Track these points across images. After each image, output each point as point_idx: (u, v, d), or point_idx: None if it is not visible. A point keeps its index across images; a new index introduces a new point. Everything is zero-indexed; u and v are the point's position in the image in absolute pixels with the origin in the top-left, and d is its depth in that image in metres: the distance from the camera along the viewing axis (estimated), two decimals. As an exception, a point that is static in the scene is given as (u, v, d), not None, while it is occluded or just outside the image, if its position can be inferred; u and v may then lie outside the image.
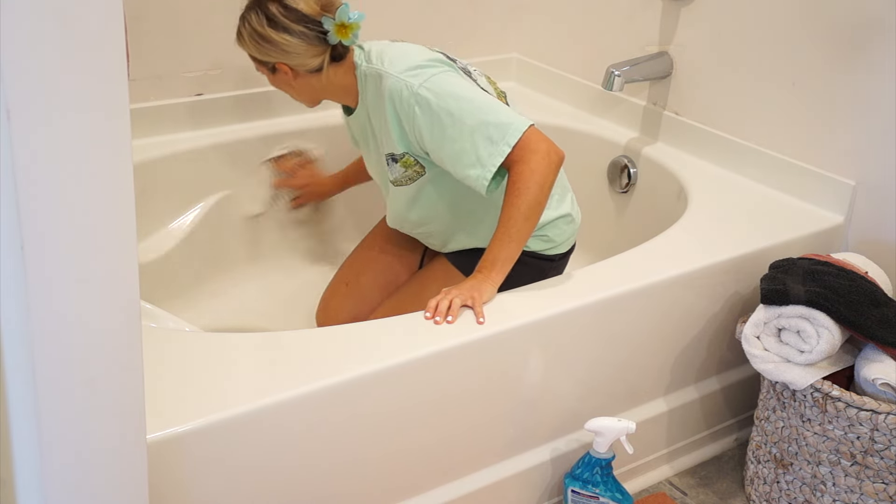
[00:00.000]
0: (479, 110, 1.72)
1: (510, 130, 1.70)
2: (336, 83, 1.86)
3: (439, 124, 1.73)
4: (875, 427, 1.73)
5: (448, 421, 1.70)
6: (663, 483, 2.06)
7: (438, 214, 1.93)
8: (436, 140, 1.74)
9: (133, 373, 1.13)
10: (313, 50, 1.80)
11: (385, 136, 1.85)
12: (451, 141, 1.72)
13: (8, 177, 0.97)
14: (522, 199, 1.69)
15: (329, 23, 1.77)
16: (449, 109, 1.72)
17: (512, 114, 1.73)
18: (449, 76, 1.77)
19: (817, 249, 2.12)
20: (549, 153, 1.70)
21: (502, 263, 1.72)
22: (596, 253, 2.40)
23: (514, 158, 1.71)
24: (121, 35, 0.99)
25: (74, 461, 1.12)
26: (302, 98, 1.92)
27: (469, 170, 1.73)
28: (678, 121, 2.45)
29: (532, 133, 1.71)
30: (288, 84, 1.87)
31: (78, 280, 1.04)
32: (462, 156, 1.72)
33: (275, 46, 1.79)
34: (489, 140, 1.70)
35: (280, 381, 1.49)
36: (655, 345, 1.96)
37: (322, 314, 2.17)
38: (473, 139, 1.71)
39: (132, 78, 2.10)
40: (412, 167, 1.85)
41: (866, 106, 2.08)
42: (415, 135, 1.78)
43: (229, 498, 1.48)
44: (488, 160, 1.71)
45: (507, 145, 1.70)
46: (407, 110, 1.75)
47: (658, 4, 2.44)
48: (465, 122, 1.71)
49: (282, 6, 1.77)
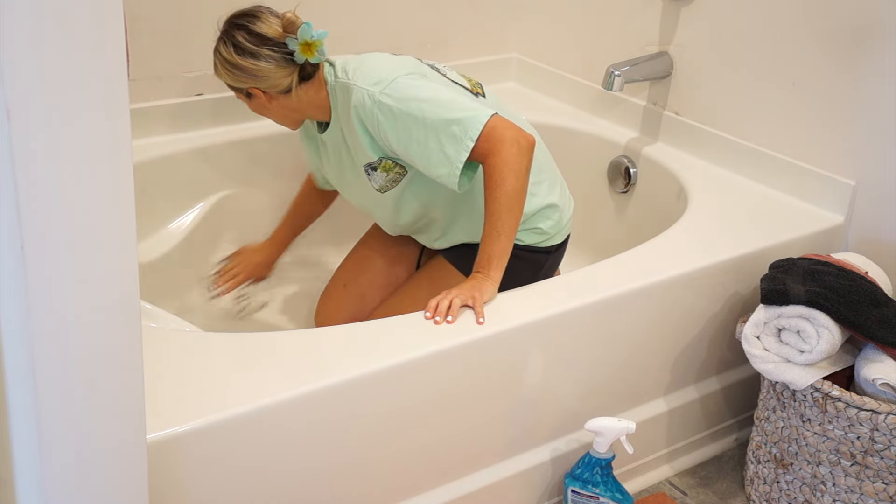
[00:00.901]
0: (441, 109, 1.74)
1: (472, 124, 1.72)
2: (308, 101, 1.89)
3: (404, 128, 1.76)
4: (875, 427, 1.73)
5: (448, 421, 1.70)
6: (663, 483, 2.06)
7: (430, 207, 1.95)
8: (402, 143, 1.78)
9: (133, 373, 1.13)
10: (282, 71, 1.83)
11: (357, 147, 1.88)
12: (417, 143, 1.76)
13: (8, 177, 0.97)
14: (501, 190, 1.71)
15: (293, 43, 1.82)
16: (410, 112, 1.75)
17: (473, 107, 1.75)
18: (410, 79, 1.80)
19: (817, 249, 2.11)
20: (517, 140, 1.72)
21: (497, 259, 1.73)
22: (596, 253, 2.40)
23: (482, 151, 1.73)
24: (121, 35, 0.99)
25: (74, 461, 1.12)
26: (281, 120, 1.96)
27: (439, 168, 1.76)
28: (678, 121, 2.45)
29: (495, 122, 1.73)
30: (264, 107, 1.91)
31: (78, 280, 1.04)
32: (430, 156, 1.75)
33: (245, 72, 1.84)
34: (453, 137, 1.73)
35: (280, 380, 1.49)
36: (655, 345, 1.96)
37: (321, 315, 2.17)
38: (438, 138, 1.74)
39: (132, 78, 2.10)
40: (392, 170, 1.87)
41: (866, 106, 2.08)
42: (382, 140, 1.81)
43: (229, 498, 1.48)
44: (455, 157, 1.73)
45: (471, 139, 1.72)
46: (370, 118, 1.79)
47: (658, 4, 2.44)
48: (428, 123, 1.74)
49: (246, 32, 1.82)
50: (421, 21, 2.60)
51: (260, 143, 2.36)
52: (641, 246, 2.00)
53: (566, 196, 2.00)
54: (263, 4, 1.88)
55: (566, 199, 2.00)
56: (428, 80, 1.83)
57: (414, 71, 1.84)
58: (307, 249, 2.50)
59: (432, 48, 2.63)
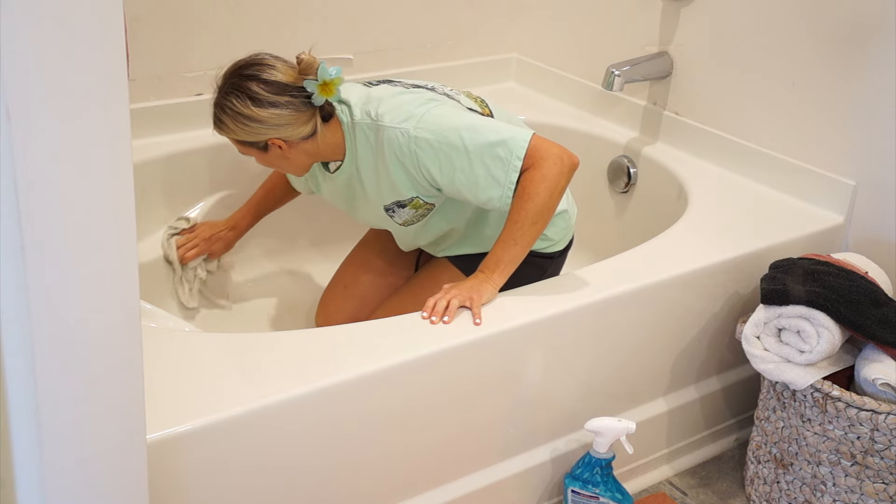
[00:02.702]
0: (479, 134, 1.72)
1: (516, 145, 1.71)
2: (328, 143, 1.82)
3: (446, 159, 1.73)
4: (875, 427, 1.73)
5: (448, 421, 1.70)
6: (663, 483, 2.06)
7: (454, 227, 1.95)
8: (446, 175, 1.74)
9: (133, 373, 1.13)
10: (303, 116, 1.75)
11: (387, 187, 1.83)
12: (462, 171, 1.73)
13: (8, 177, 0.97)
14: (531, 203, 1.70)
15: (311, 85, 1.73)
16: (450, 142, 1.72)
17: (511, 128, 1.74)
18: (438, 109, 1.76)
19: (817, 249, 2.11)
20: (560, 157, 1.71)
21: (505, 265, 1.73)
22: (596, 253, 2.40)
23: (524, 167, 1.71)
24: (121, 35, 0.99)
25: (74, 461, 1.12)
26: (295, 168, 1.87)
27: (489, 192, 1.73)
28: (678, 121, 2.45)
29: (536, 141, 1.72)
30: (282, 157, 1.82)
31: (78, 280, 1.04)
32: (478, 182, 1.73)
33: (265, 124, 1.74)
34: (499, 160, 1.71)
35: (280, 380, 1.49)
36: (655, 345, 1.96)
37: (321, 315, 2.17)
38: (484, 163, 1.71)
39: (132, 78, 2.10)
40: (421, 207, 1.85)
41: (866, 106, 2.08)
42: (423, 176, 1.77)
43: (229, 498, 1.48)
44: (505, 179, 1.71)
45: (518, 158, 1.70)
46: (409, 155, 1.75)
47: (658, 4, 2.44)
48: (470, 150, 1.71)
49: (261, 82, 1.73)
50: (421, 21, 2.60)
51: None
52: (641, 246, 2.00)
53: (571, 200, 2.00)
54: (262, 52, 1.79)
55: (572, 203, 2.00)
56: (458, 107, 1.80)
57: (434, 99, 1.80)
58: (307, 250, 2.50)
59: (432, 48, 2.64)
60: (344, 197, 1.96)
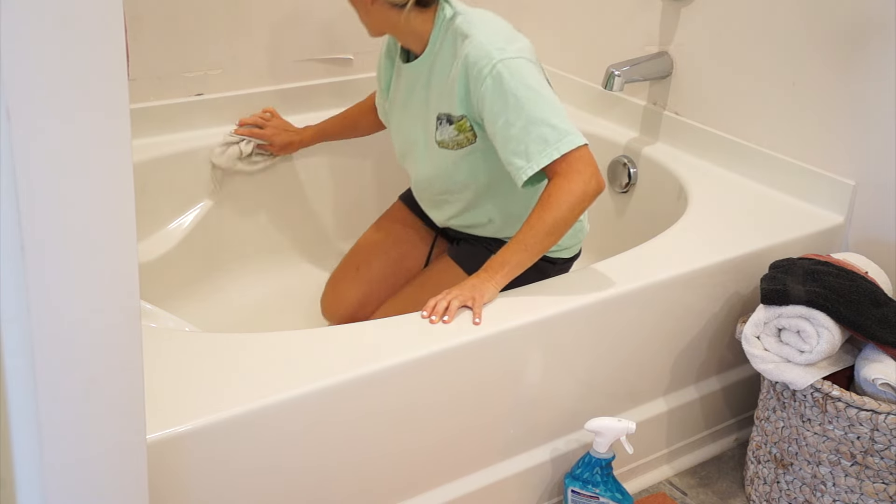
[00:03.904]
0: (545, 108, 1.72)
1: (566, 139, 1.71)
2: (411, 26, 1.84)
3: (503, 102, 1.73)
4: (875, 427, 1.73)
5: (448, 421, 1.70)
6: (663, 483, 2.06)
7: (473, 184, 1.93)
8: (494, 115, 1.75)
9: (133, 373, 1.13)
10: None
11: (447, 94, 1.84)
12: (507, 123, 1.73)
13: (8, 177, 0.97)
14: (551, 213, 1.70)
15: None
16: (517, 94, 1.72)
17: (573, 127, 1.74)
18: (530, 66, 1.76)
19: (817, 249, 2.12)
20: (591, 179, 1.71)
21: (510, 268, 1.72)
22: (596, 253, 2.40)
23: (557, 170, 1.71)
24: (121, 35, 0.99)
25: (74, 461, 1.12)
26: (370, 24, 1.89)
27: (514, 157, 1.73)
28: (678, 121, 2.45)
29: (583, 152, 1.72)
30: (364, 4, 1.84)
31: (78, 280, 1.04)
32: (512, 141, 1.73)
33: None
34: (543, 139, 1.71)
35: (280, 381, 1.49)
36: (655, 345, 1.96)
37: (329, 297, 2.16)
38: (528, 130, 1.71)
39: (132, 78, 2.10)
40: (466, 132, 1.85)
41: (866, 106, 2.08)
42: (477, 102, 1.78)
43: (229, 498, 1.48)
44: (535, 157, 1.71)
45: (558, 151, 1.70)
46: (478, 77, 1.75)
47: (658, 4, 2.44)
48: (527, 112, 1.71)
49: None
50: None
51: (260, 143, 2.36)
52: (641, 246, 2.00)
53: (585, 216, 2.00)
54: None
55: (586, 219, 2.01)
56: (542, 76, 1.80)
57: (534, 60, 1.80)
58: (308, 250, 2.51)
59: (432, 48, 2.63)
60: (404, 98, 1.95)
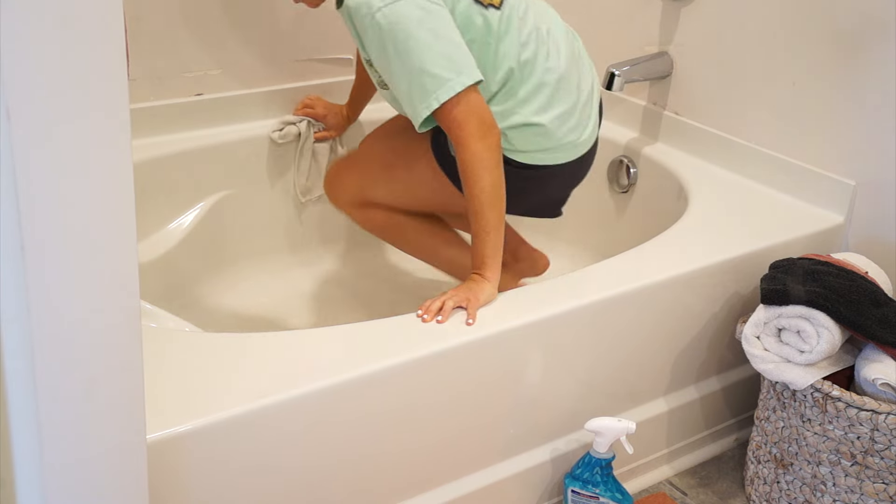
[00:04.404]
0: (424, 54, 1.69)
1: (444, 87, 1.69)
2: None
3: (384, 53, 1.73)
4: (875, 427, 1.73)
5: (448, 421, 1.70)
6: (663, 483, 2.06)
7: None
8: (381, 65, 1.76)
9: (133, 373, 1.13)
10: None
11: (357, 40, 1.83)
12: (392, 74, 1.74)
13: (8, 177, 0.97)
14: (478, 187, 1.70)
15: None
16: (395, 43, 1.70)
17: (455, 68, 1.70)
18: (412, 8, 1.71)
19: (817, 249, 2.11)
20: (478, 129, 1.70)
21: (491, 259, 1.73)
22: (596, 253, 2.40)
23: (446, 122, 1.71)
24: (121, 35, 0.99)
25: (74, 461, 1.12)
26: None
27: (404, 105, 1.76)
28: (678, 121, 2.45)
29: (464, 99, 1.69)
30: None
31: (78, 280, 1.04)
32: (400, 88, 1.74)
33: None
34: (422, 88, 1.70)
35: (280, 381, 1.49)
36: (655, 345, 1.96)
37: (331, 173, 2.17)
38: (410, 80, 1.71)
39: (132, 78, 2.10)
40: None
41: (866, 106, 2.08)
42: (369, 51, 1.77)
43: (229, 498, 1.48)
44: (419, 106, 1.72)
45: (437, 101, 1.69)
46: (363, 28, 1.74)
47: (658, 4, 2.44)
48: (405, 63, 1.71)
49: None
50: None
51: (259, 143, 2.36)
52: (641, 246, 2.00)
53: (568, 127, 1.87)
54: None
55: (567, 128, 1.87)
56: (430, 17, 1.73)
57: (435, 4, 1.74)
58: (309, 249, 2.50)
59: (432, 48, 2.63)
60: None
